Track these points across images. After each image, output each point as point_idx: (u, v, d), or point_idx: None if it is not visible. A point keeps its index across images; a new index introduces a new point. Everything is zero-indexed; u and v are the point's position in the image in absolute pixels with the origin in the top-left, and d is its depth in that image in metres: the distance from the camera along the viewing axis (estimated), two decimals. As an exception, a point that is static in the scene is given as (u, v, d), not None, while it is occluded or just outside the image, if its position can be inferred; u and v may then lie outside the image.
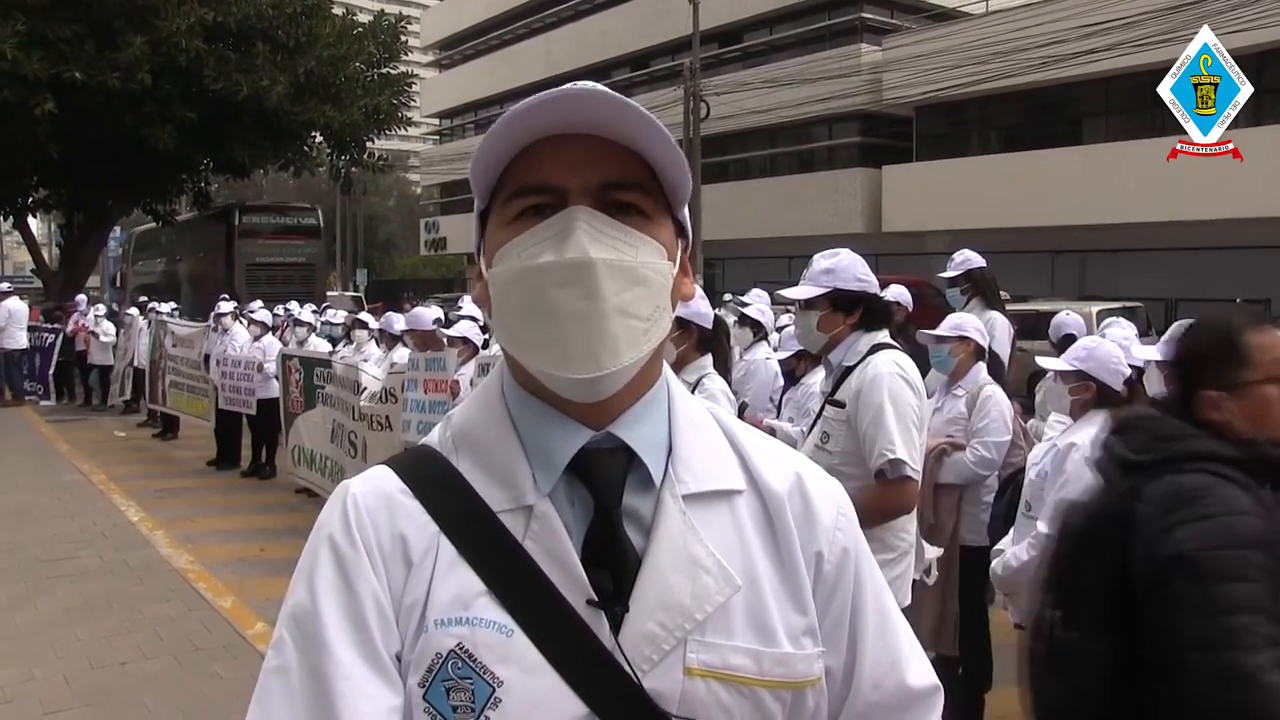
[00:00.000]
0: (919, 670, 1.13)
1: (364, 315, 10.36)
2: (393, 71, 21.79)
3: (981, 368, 4.68)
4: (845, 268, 3.30)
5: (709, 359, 4.01)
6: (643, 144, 0.98)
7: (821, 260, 3.34)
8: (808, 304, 3.32)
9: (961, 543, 4.43)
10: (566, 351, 0.95)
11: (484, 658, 0.95)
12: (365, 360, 8.64)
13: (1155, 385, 4.03)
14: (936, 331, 4.68)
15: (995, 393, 4.56)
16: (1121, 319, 5.81)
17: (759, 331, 6.93)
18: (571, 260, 0.94)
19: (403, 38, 21.95)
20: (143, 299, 17.17)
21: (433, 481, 1.04)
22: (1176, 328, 4.03)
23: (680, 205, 1.05)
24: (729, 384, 4.23)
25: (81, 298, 18.27)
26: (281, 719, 0.95)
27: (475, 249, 1.08)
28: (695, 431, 1.08)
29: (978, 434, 4.49)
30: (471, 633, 0.96)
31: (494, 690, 0.94)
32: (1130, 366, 3.87)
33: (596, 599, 0.97)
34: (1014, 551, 3.67)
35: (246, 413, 10.55)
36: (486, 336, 7.34)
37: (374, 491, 1.03)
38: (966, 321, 4.78)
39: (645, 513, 1.02)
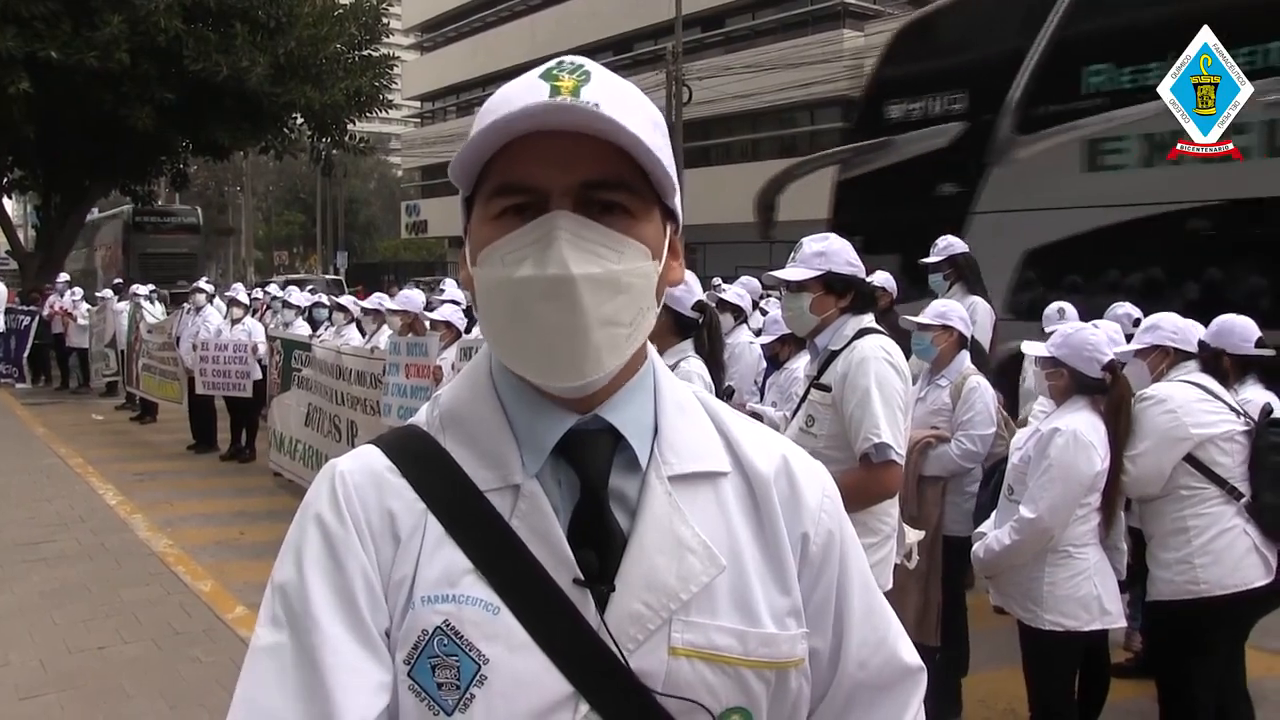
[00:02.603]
0: (904, 650, 1.14)
1: (344, 299, 10.29)
2: (374, 53, 21.60)
3: (965, 356, 4.62)
4: (837, 251, 3.30)
5: (688, 343, 3.98)
6: (624, 145, 0.95)
7: (812, 243, 3.33)
8: (799, 286, 3.31)
9: (945, 533, 4.44)
10: (551, 362, 0.96)
11: (470, 635, 0.95)
12: (345, 343, 8.60)
13: (1137, 377, 4.05)
14: (920, 319, 4.64)
15: (980, 384, 4.53)
16: (1127, 304, 5.74)
17: (739, 316, 6.93)
18: (553, 276, 0.93)
19: (384, 19, 21.77)
20: (117, 280, 17.04)
21: (420, 460, 1.03)
22: (1152, 317, 4.08)
23: (669, 195, 1.03)
24: (722, 373, 4.19)
25: (64, 276, 18.10)
26: (271, 694, 0.94)
27: (463, 231, 1.07)
28: (681, 414, 1.08)
29: (962, 426, 4.46)
30: (458, 610, 0.95)
31: (480, 668, 0.94)
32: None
33: (583, 578, 0.97)
34: (996, 535, 3.69)
35: (241, 395, 10.44)
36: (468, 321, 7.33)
37: (362, 469, 1.03)
38: (951, 310, 4.71)
39: (631, 494, 1.03)
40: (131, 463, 10.36)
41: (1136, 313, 5.87)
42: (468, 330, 7.30)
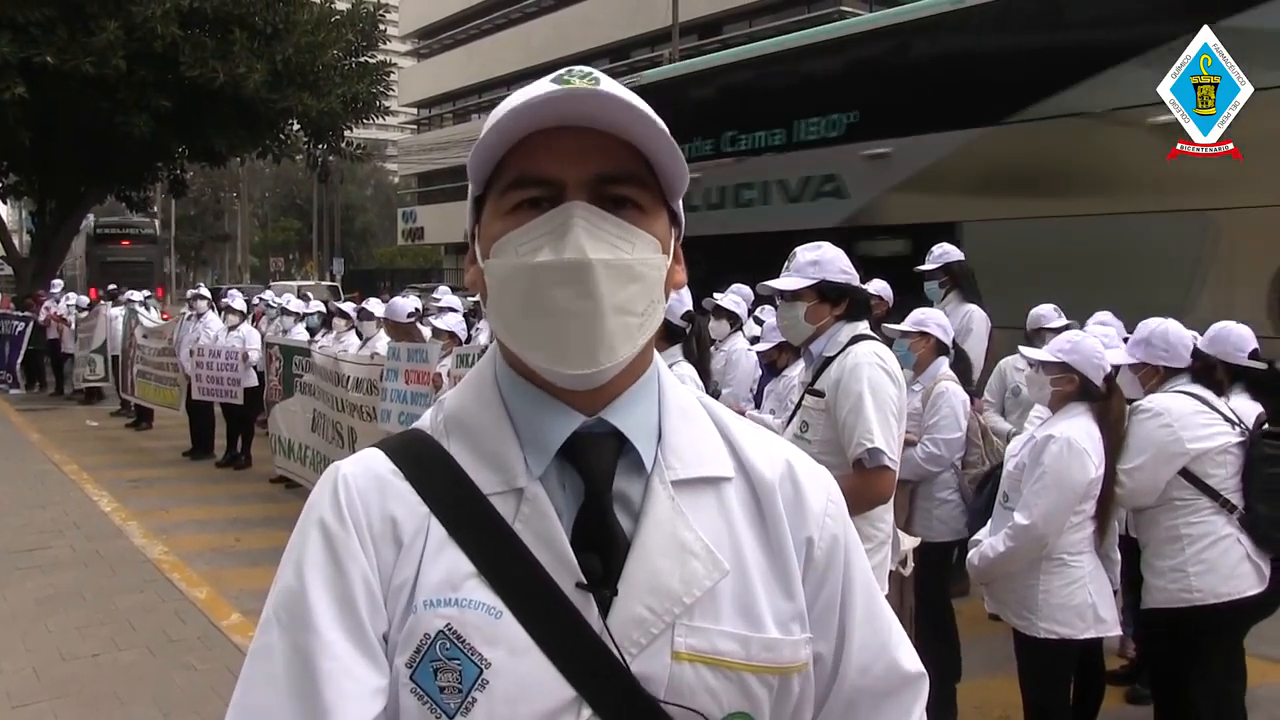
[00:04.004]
0: (905, 656, 1.14)
1: (344, 304, 10.31)
2: (371, 60, 21.61)
3: (942, 362, 4.68)
4: (830, 260, 3.31)
5: (677, 349, 4.00)
6: (639, 139, 0.98)
7: (806, 252, 3.34)
8: (794, 295, 3.32)
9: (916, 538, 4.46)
10: (564, 348, 0.96)
11: (472, 639, 0.95)
12: (344, 350, 8.60)
13: (1129, 387, 4.06)
14: (899, 326, 4.70)
15: (949, 389, 4.57)
16: (1109, 314, 5.76)
17: (735, 323, 6.94)
18: (570, 261, 0.95)
19: (381, 26, 21.79)
20: (112, 286, 17.08)
21: (423, 463, 1.04)
22: (1142, 328, 4.08)
23: (675, 196, 1.05)
24: (708, 381, 4.22)
25: (59, 282, 18.06)
26: (266, 698, 0.95)
27: (470, 234, 1.08)
28: (685, 419, 1.09)
29: (929, 430, 4.50)
30: (460, 614, 0.96)
31: (482, 671, 0.94)
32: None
33: (585, 582, 0.98)
34: (990, 543, 3.69)
35: (233, 403, 10.45)
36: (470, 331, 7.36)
37: (365, 472, 1.04)
38: (929, 316, 4.78)
39: (635, 498, 1.03)
40: (126, 469, 10.34)
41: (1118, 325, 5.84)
42: (467, 340, 7.33)
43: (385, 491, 1.01)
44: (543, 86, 0.98)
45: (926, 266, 6.64)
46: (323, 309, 11.62)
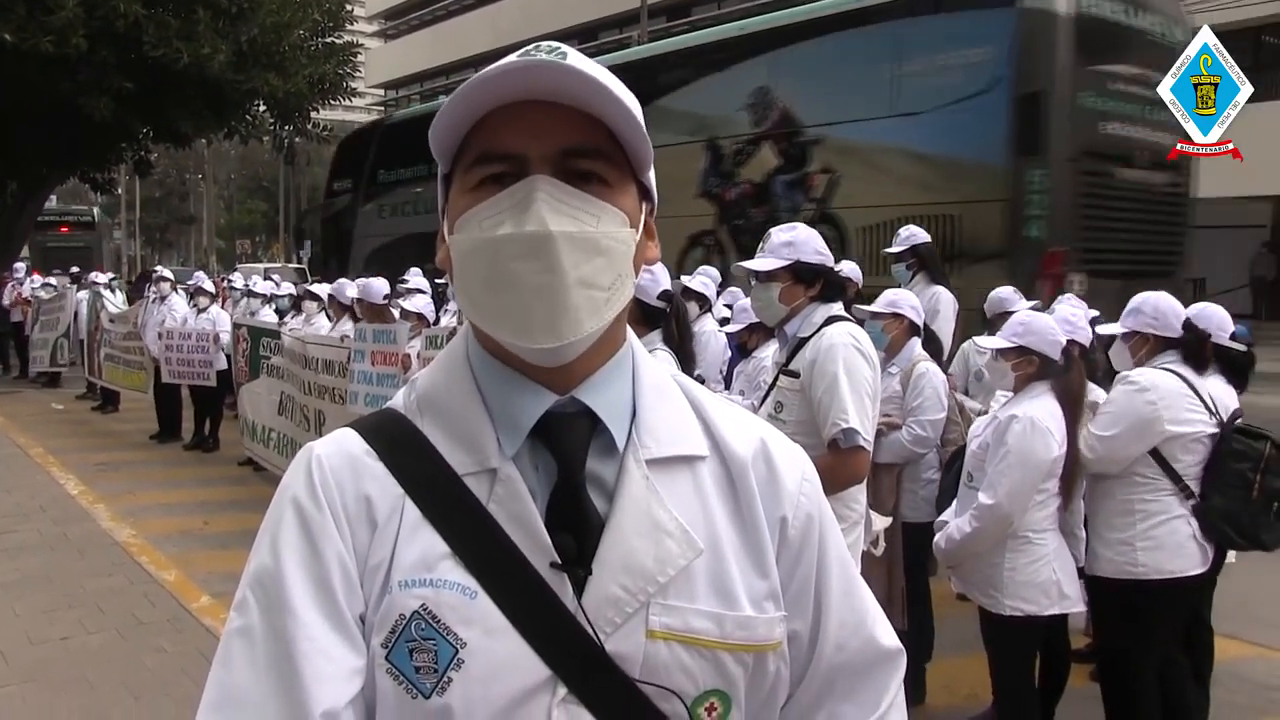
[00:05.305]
0: (882, 632, 1.16)
1: (316, 287, 10.25)
2: (337, 41, 21.34)
3: (915, 344, 4.67)
4: (805, 241, 3.32)
5: (656, 335, 3.98)
6: (604, 113, 0.98)
7: (780, 233, 3.36)
8: (768, 276, 3.33)
9: (903, 520, 4.48)
10: (528, 322, 0.96)
11: (447, 619, 0.95)
12: (315, 332, 8.55)
13: (1121, 359, 4.09)
14: (871, 308, 4.69)
15: (929, 370, 4.56)
16: (1072, 295, 5.82)
17: (704, 305, 6.95)
18: (531, 233, 0.94)
19: (348, 6, 21.51)
20: (75, 269, 16.85)
21: (397, 444, 1.04)
22: (1134, 299, 4.11)
23: (643, 169, 1.05)
24: (691, 363, 4.21)
25: (20, 266, 17.79)
26: (244, 679, 0.95)
27: (439, 212, 1.08)
28: (659, 397, 1.09)
29: (913, 412, 4.49)
30: (435, 594, 0.96)
31: (457, 651, 0.94)
32: (1072, 341, 3.95)
33: (560, 562, 0.98)
34: (957, 524, 3.72)
35: (205, 384, 10.35)
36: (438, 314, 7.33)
37: (339, 453, 1.03)
38: (901, 298, 4.77)
39: (608, 477, 1.03)
40: (93, 453, 10.23)
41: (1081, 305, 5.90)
42: (435, 321, 7.31)
43: (359, 472, 1.01)
44: (508, 60, 0.97)
45: (894, 249, 6.66)
46: (292, 291, 11.52)
